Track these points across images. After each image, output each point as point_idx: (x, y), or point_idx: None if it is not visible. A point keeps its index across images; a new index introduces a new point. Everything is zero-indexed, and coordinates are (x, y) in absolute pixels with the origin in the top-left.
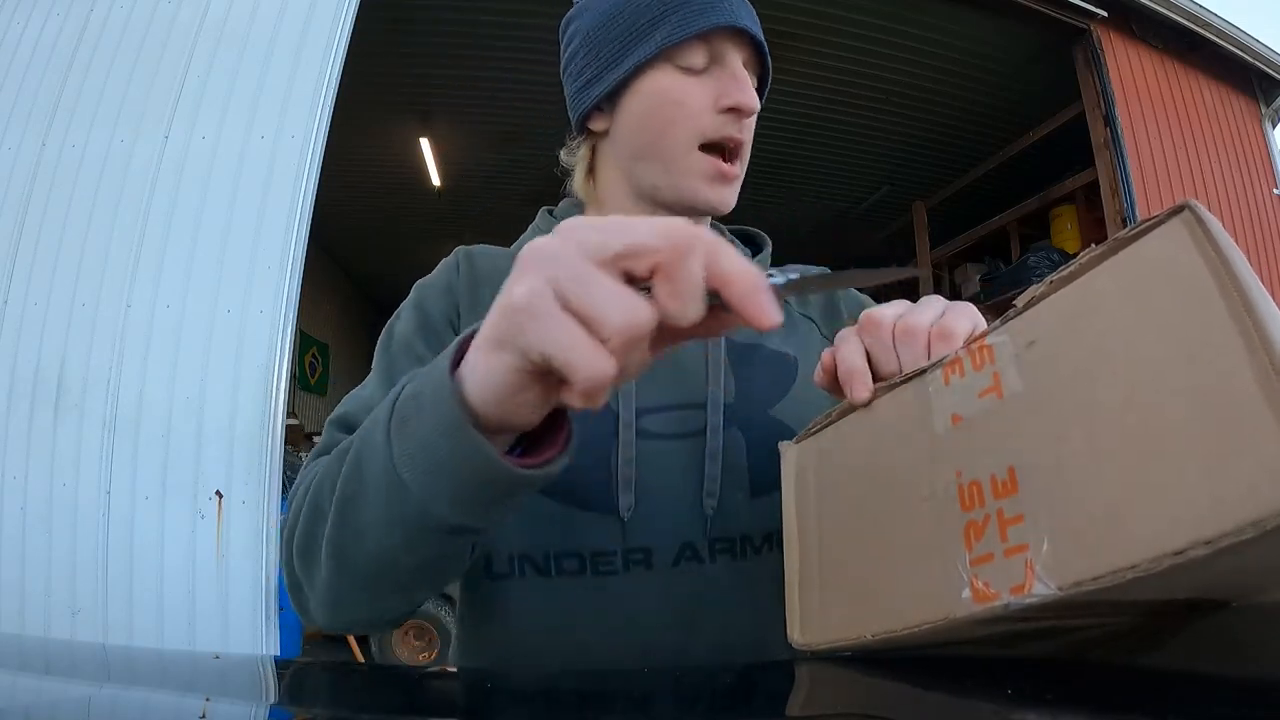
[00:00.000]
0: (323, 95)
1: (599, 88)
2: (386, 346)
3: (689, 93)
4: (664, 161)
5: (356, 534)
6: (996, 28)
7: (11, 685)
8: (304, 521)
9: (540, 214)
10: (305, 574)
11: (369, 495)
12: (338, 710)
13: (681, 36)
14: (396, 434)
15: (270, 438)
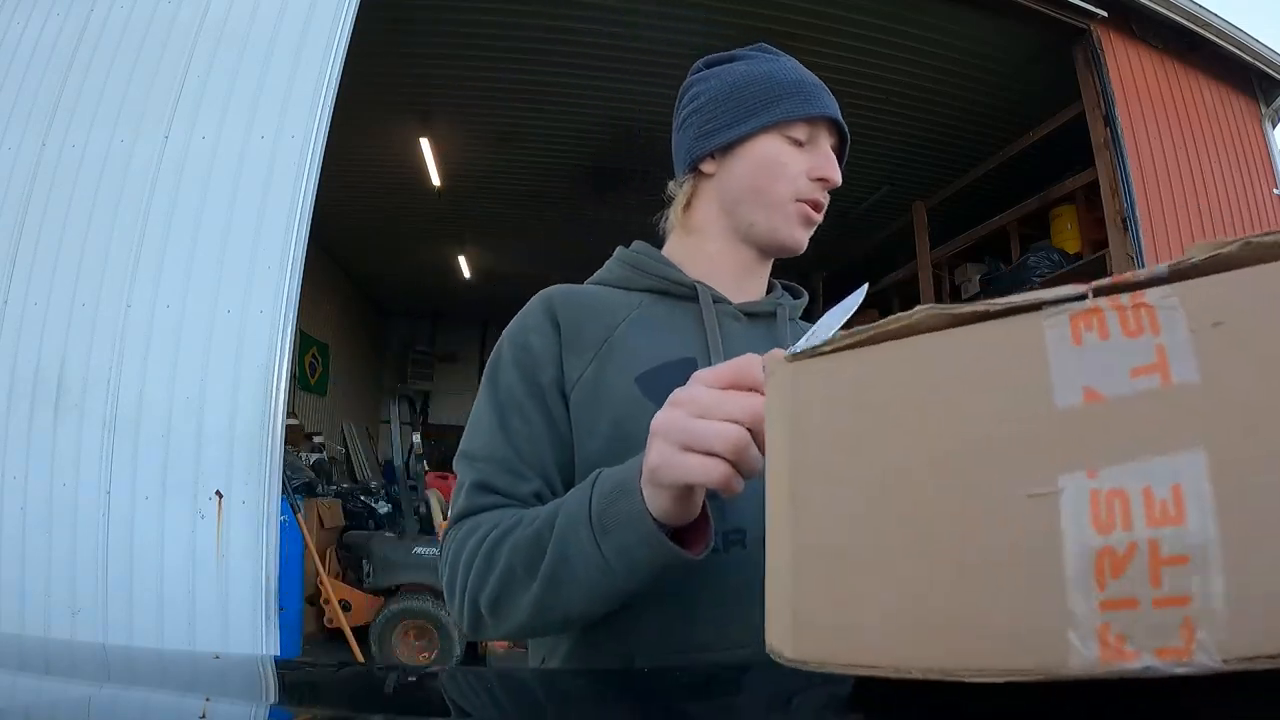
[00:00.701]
0: (323, 95)
1: (717, 139)
2: (494, 396)
3: (792, 159)
4: (766, 207)
5: (565, 601)
6: (996, 28)
7: (11, 685)
8: (497, 584)
9: (617, 251)
10: (493, 616)
11: (578, 577)
12: (338, 710)
13: (794, 116)
14: (603, 537)
15: (270, 438)
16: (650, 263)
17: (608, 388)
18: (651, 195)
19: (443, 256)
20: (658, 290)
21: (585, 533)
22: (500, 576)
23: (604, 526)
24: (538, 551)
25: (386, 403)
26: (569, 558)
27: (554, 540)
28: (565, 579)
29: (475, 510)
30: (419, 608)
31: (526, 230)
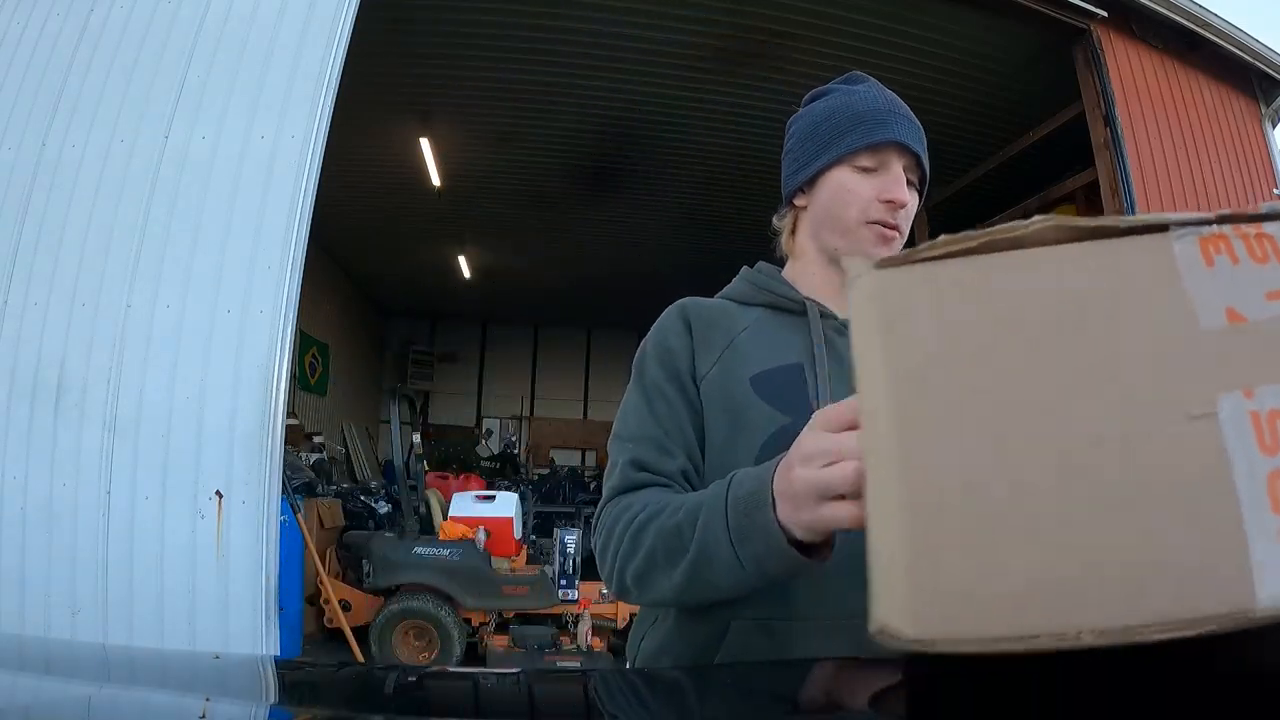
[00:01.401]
0: (323, 95)
1: (802, 175)
2: (641, 384)
3: (860, 186)
4: (842, 232)
5: (702, 589)
6: (996, 28)
7: (11, 685)
8: (642, 564)
9: (742, 270)
10: (640, 589)
11: (717, 573)
12: (338, 710)
13: (857, 146)
14: (740, 546)
15: (270, 438)
16: (768, 281)
17: (728, 384)
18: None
19: (443, 256)
20: (773, 305)
21: (723, 538)
22: (645, 557)
23: (741, 536)
24: (679, 544)
25: (386, 403)
26: (709, 558)
27: (695, 539)
28: (704, 573)
29: (629, 487)
30: (419, 608)
31: (526, 230)
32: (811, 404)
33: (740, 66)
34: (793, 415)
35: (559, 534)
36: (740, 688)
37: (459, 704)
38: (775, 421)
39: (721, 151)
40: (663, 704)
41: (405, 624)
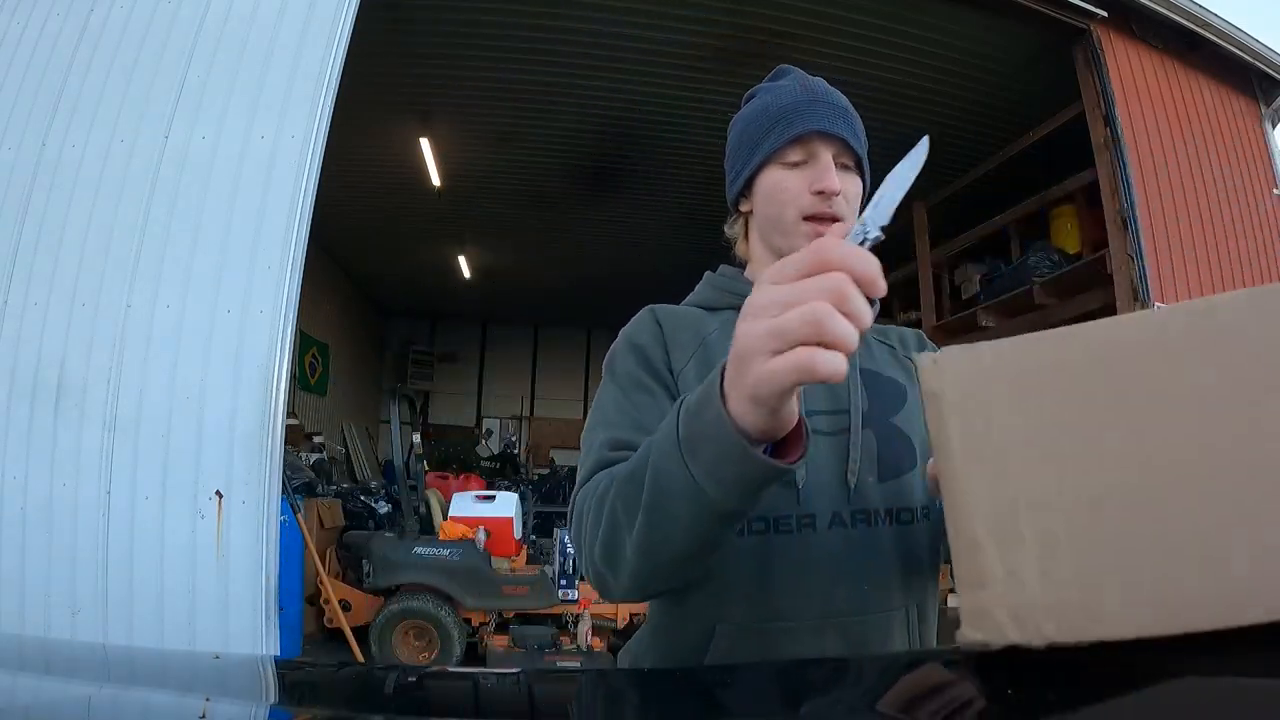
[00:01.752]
0: (323, 95)
1: (739, 182)
2: (613, 377)
3: (790, 182)
4: (782, 232)
5: (665, 536)
6: (996, 28)
7: (11, 685)
8: (605, 532)
9: (705, 276)
10: (610, 568)
11: (674, 506)
12: (338, 710)
13: (780, 143)
14: (691, 459)
15: (270, 438)
16: (731, 283)
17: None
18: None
19: (443, 256)
20: (734, 307)
21: (674, 454)
22: (607, 521)
23: (691, 446)
24: (635, 488)
25: (386, 403)
26: (662, 489)
27: (649, 474)
28: (660, 515)
29: (602, 465)
30: (419, 608)
31: (526, 230)
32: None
33: (740, 66)
34: None
35: (559, 534)
36: (741, 687)
37: (459, 704)
38: None
39: (721, 151)
40: (663, 704)
41: (405, 624)
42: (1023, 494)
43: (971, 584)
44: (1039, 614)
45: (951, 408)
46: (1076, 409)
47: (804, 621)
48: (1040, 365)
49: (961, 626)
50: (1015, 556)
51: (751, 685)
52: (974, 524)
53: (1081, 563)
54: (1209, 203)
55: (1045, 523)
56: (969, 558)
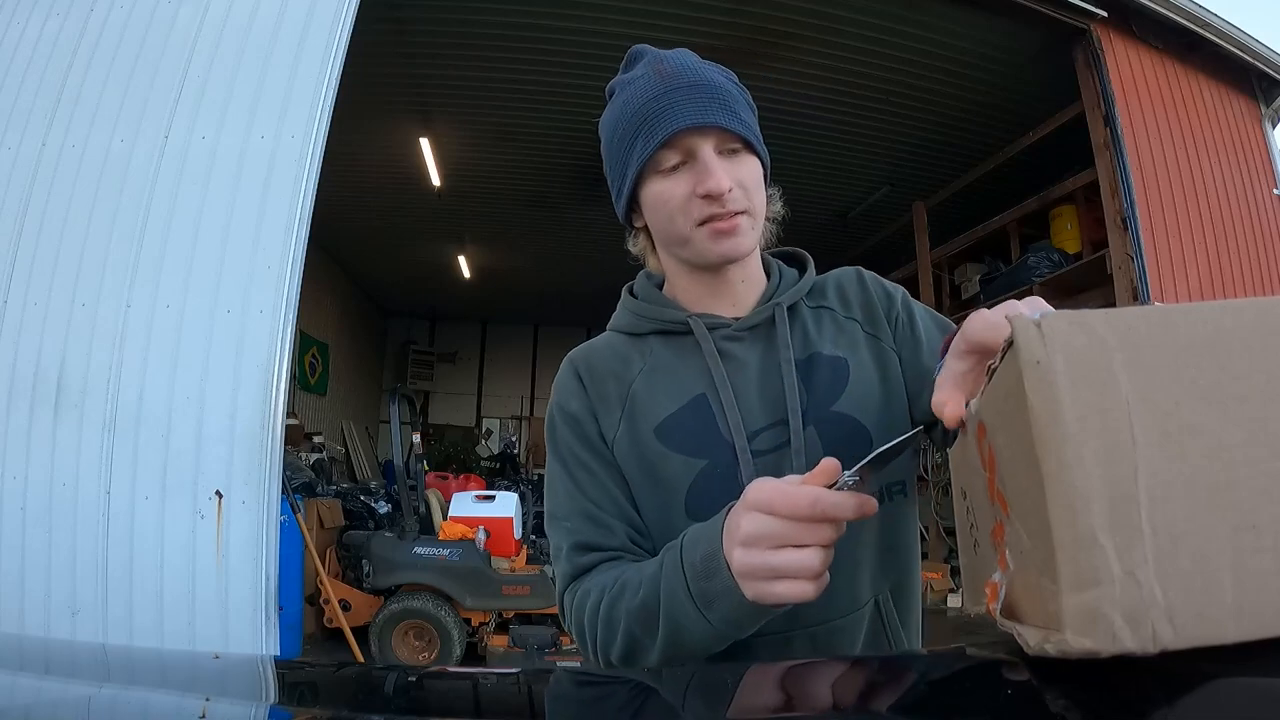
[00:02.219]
0: (323, 95)
1: (623, 200)
2: (559, 456)
3: (672, 190)
4: (680, 243)
5: (689, 652)
6: (996, 28)
7: (11, 685)
8: (623, 647)
9: (623, 297)
10: (627, 664)
11: (694, 640)
12: (338, 710)
13: (649, 151)
14: (707, 611)
15: (270, 438)
16: (648, 307)
17: (636, 442)
18: None
19: (443, 256)
20: (658, 331)
21: (690, 608)
22: (624, 639)
23: (706, 601)
24: (651, 619)
25: (386, 402)
26: (681, 627)
27: (663, 614)
28: (682, 640)
29: (580, 571)
30: (418, 608)
31: (525, 230)
32: (724, 436)
33: (740, 66)
34: (708, 456)
35: None
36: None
37: (459, 704)
38: (692, 469)
39: None
40: (663, 703)
41: (405, 624)
42: (1144, 482)
43: (1080, 584)
44: (1156, 616)
45: (1063, 379)
46: (1198, 390)
47: (771, 635)
48: (1158, 340)
49: (1064, 632)
50: (1134, 553)
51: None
52: (1089, 517)
53: (1200, 560)
54: (1209, 203)
55: (1167, 515)
56: (1079, 555)
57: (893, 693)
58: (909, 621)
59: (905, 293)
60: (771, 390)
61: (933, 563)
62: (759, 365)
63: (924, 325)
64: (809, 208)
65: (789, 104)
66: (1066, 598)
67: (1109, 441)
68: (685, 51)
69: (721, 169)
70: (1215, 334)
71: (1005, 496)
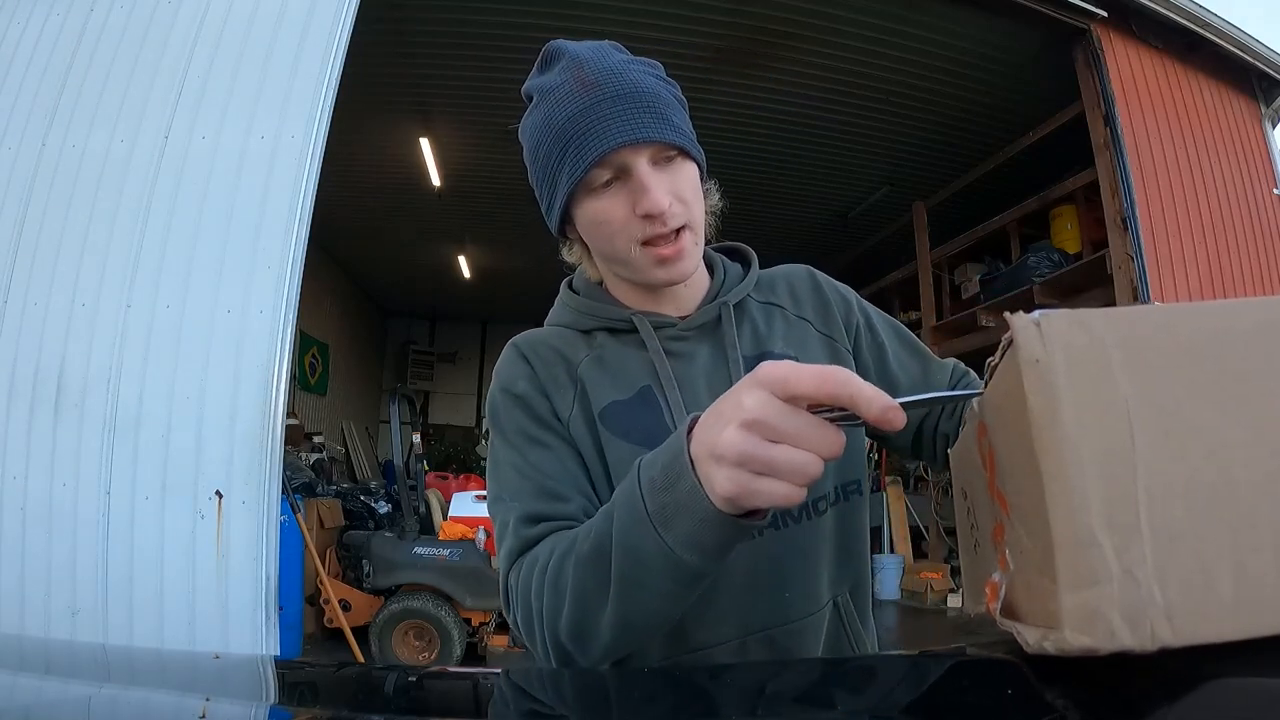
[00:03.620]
0: (323, 95)
1: (554, 216)
2: (502, 435)
3: (609, 211)
4: (620, 262)
5: (643, 607)
6: (996, 28)
7: (11, 685)
8: (571, 614)
9: (562, 293)
10: (579, 648)
11: (650, 578)
12: (338, 710)
13: (579, 173)
14: (665, 531)
15: (270, 438)
16: (591, 304)
17: (587, 425)
18: None
19: (443, 256)
20: (604, 328)
21: (646, 530)
22: (573, 601)
23: (664, 519)
24: (603, 563)
25: (386, 403)
26: (637, 561)
27: (615, 548)
28: (639, 589)
29: (528, 545)
30: (418, 608)
31: (525, 230)
32: (667, 426)
33: (740, 66)
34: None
35: None
36: (742, 687)
37: (459, 704)
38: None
39: (721, 151)
40: (662, 703)
41: (405, 624)
42: (1143, 481)
43: (1078, 583)
44: (1155, 615)
45: (1062, 379)
46: (1196, 389)
47: (725, 644)
48: (1157, 339)
49: (1062, 630)
50: (1133, 552)
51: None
52: (1088, 516)
53: (1199, 559)
54: (1209, 203)
55: (1166, 514)
56: (1077, 554)
57: (892, 693)
58: (866, 621)
59: (858, 296)
60: (720, 387)
61: (933, 563)
62: (707, 362)
63: (884, 332)
64: (809, 208)
65: (789, 104)
66: (1065, 596)
67: (1108, 441)
68: (606, 48)
69: (658, 185)
70: (1216, 334)
71: (1005, 496)
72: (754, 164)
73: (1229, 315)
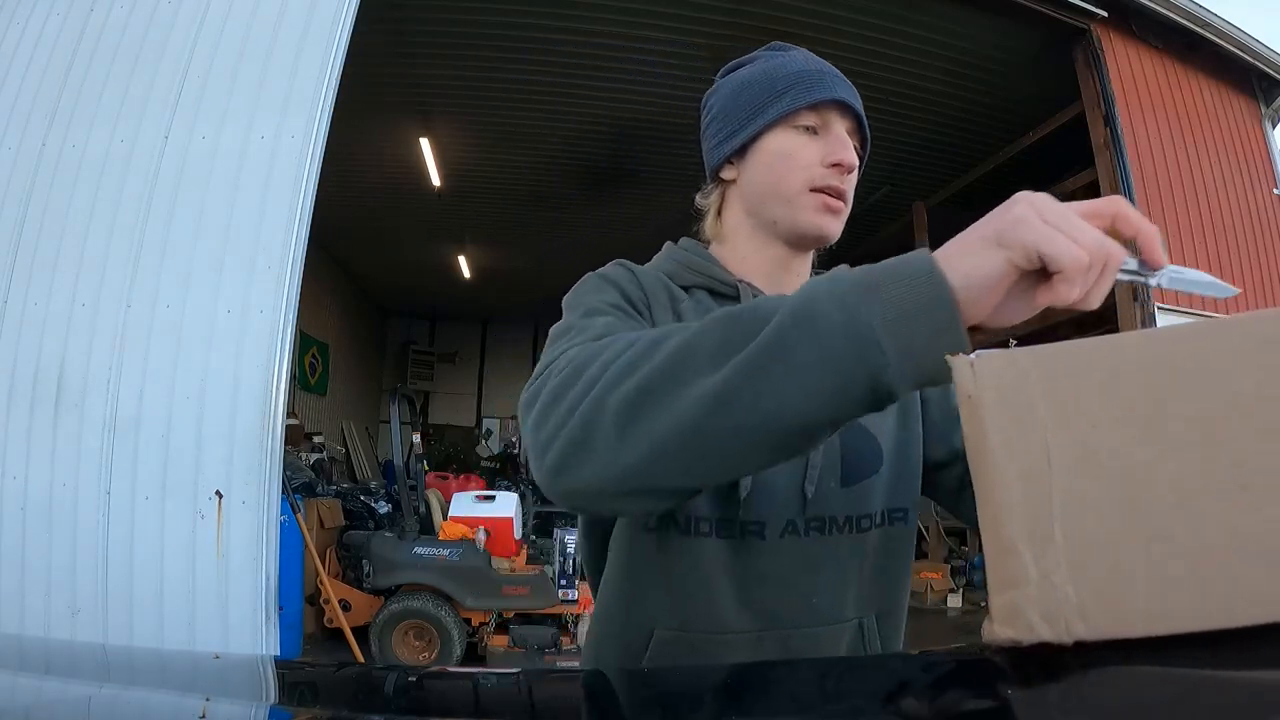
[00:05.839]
0: (323, 95)
1: (731, 144)
2: (586, 310)
3: (802, 149)
4: (784, 201)
5: (759, 393)
6: (996, 28)
7: (11, 685)
8: (651, 373)
9: (666, 247)
10: (620, 427)
11: (811, 354)
12: (338, 710)
13: (798, 105)
14: (868, 300)
15: (270, 438)
16: (697, 260)
17: None
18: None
19: (442, 256)
20: (704, 287)
21: (836, 299)
22: (668, 359)
23: (871, 287)
24: (741, 326)
25: (386, 402)
26: (807, 328)
27: (780, 314)
28: (790, 357)
29: (603, 334)
30: (419, 608)
31: (526, 230)
32: None
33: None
34: None
35: (559, 534)
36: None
37: (459, 704)
38: None
39: None
40: (662, 703)
41: (405, 624)
42: (1058, 497)
43: (1004, 585)
44: (1070, 613)
45: (989, 411)
46: (1113, 415)
47: (743, 633)
48: (1078, 371)
49: (992, 623)
50: (1048, 559)
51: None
52: (1009, 528)
53: (1112, 564)
54: (1209, 203)
55: (1079, 525)
56: (1003, 560)
57: (892, 693)
58: (891, 650)
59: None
60: None
61: (933, 563)
62: None
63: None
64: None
65: None
66: (994, 596)
67: (1027, 464)
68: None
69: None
70: (1135, 361)
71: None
72: None
73: (1149, 344)
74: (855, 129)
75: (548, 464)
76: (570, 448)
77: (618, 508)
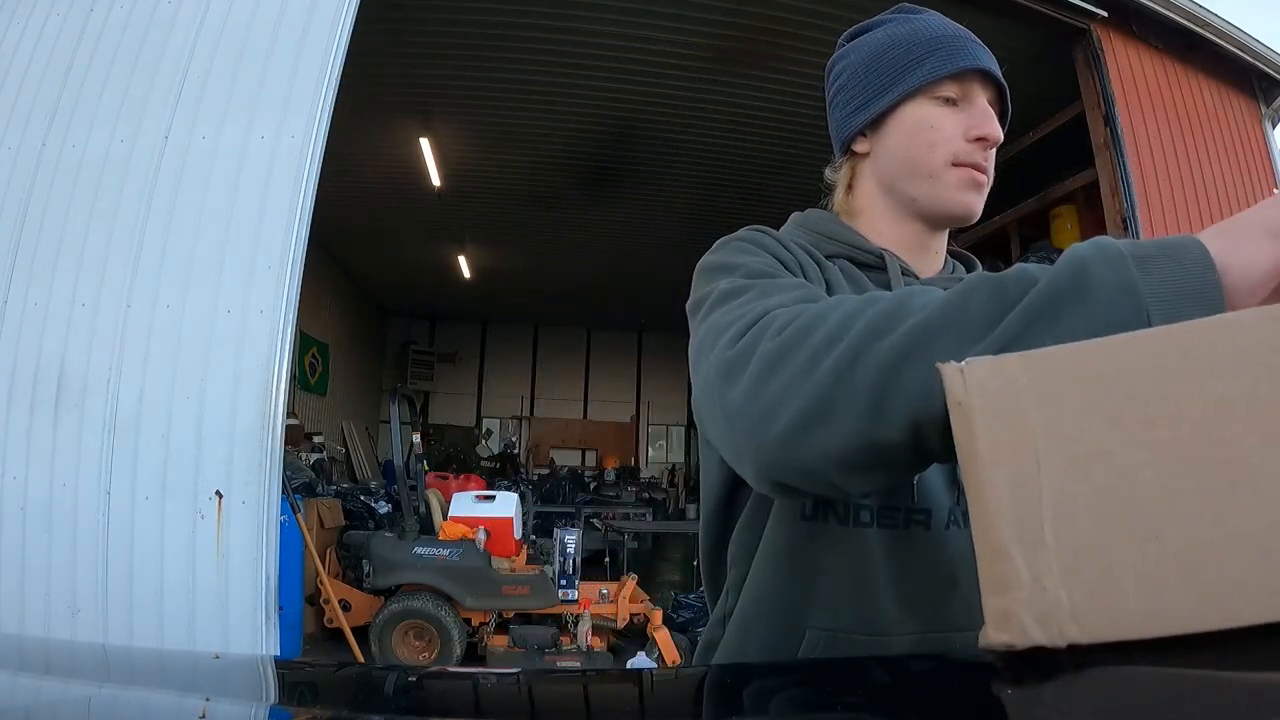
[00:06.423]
0: (323, 95)
1: (865, 115)
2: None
3: (945, 121)
4: (925, 178)
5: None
6: (996, 28)
7: (11, 685)
8: (916, 329)
9: (794, 218)
10: (875, 396)
11: (1077, 323)
12: (338, 710)
13: (940, 74)
14: (1142, 270)
15: (270, 438)
16: (837, 229)
17: None
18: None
19: (443, 256)
20: (845, 257)
21: (1105, 264)
22: (928, 321)
23: (1142, 260)
24: (1006, 291)
25: (386, 402)
26: (1078, 289)
27: (1057, 271)
28: (1048, 317)
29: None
30: (419, 608)
31: (526, 230)
32: None
33: (740, 66)
34: None
35: (559, 534)
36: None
37: (459, 704)
38: None
39: (722, 151)
40: (663, 704)
41: (405, 624)
42: (1048, 501)
43: (997, 589)
44: (1063, 616)
45: (979, 417)
46: (1102, 417)
47: (905, 634)
48: (1067, 375)
49: (985, 628)
50: (1040, 562)
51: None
52: (1000, 532)
53: (1104, 567)
54: (1209, 203)
55: (1069, 528)
56: (995, 564)
57: (892, 693)
58: None
59: None
60: None
61: None
62: None
63: None
64: (810, 207)
65: (789, 104)
66: (987, 600)
67: (1017, 469)
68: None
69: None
70: (1123, 364)
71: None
72: (755, 163)
73: (1137, 346)
74: (996, 99)
75: (775, 434)
76: (805, 417)
77: (844, 483)
